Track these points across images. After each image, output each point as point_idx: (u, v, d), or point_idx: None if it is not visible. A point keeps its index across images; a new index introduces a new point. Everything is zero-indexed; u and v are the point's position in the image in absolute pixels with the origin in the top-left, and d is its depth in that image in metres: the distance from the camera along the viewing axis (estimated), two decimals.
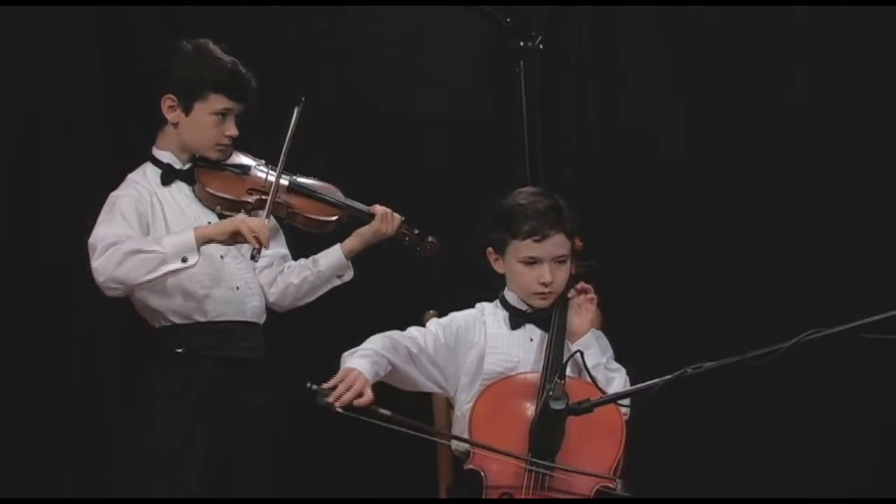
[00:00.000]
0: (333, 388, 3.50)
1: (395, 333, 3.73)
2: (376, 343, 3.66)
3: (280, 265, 3.95)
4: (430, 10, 4.75)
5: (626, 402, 3.42)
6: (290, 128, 3.82)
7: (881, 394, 4.64)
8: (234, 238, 3.72)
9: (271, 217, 3.85)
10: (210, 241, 3.72)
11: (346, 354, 3.63)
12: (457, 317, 3.84)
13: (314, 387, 3.49)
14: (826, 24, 4.69)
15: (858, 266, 4.67)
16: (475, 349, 3.79)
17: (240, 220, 3.73)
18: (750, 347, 2.94)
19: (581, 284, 3.85)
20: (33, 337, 4.48)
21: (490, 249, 3.84)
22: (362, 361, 3.57)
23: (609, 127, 4.82)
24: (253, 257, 3.75)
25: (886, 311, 2.85)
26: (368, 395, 3.50)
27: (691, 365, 2.98)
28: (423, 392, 3.86)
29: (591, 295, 3.85)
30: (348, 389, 3.49)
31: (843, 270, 4.68)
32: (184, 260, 3.66)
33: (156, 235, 3.73)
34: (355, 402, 3.49)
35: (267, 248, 3.74)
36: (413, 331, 3.78)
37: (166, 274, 3.66)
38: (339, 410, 3.48)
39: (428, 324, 3.82)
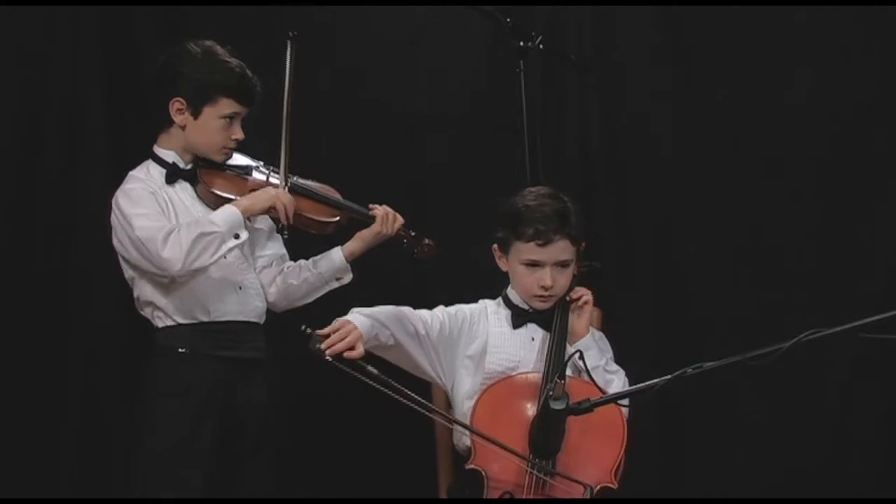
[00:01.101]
0: (328, 336, 3.49)
1: (406, 309, 3.74)
2: (385, 312, 3.68)
3: (279, 265, 3.96)
4: (430, 10, 4.75)
5: (625, 402, 3.42)
6: (288, 65, 3.83)
7: (881, 394, 4.64)
8: (270, 212, 3.77)
9: (267, 218, 3.87)
10: (252, 213, 3.76)
11: (354, 310, 3.63)
12: (463, 308, 3.84)
13: (308, 330, 3.50)
14: (826, 23, 4.69)
15: (858, 266, 4.67)
16: (477, 342, 3.79)
17: (276, 195, 3.76)
18: (750, 347, 2.94)
19: (574, 291, 3.83)
20: (34, 337, 4.48)
21: (495, 246, 3.84)
22: (364, 319, 3.59)
23: (609, 126, 4.82)
24: (281, 232, 3.79)
25: (886, 311, 2.85)
26: (360, 350, 3.51)
27: (691, 365, 2.98)
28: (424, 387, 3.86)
29: (586, 298, 3.84)
30: (341, 340, 3.50)
31: (843, 270, 4.68)
32: (236, 236, 3.70)
33: (203, 217, 3.75)
34: (346, 355, 3.49)
35: (291, 223, 3.76)
36: (423, 312, 3.78)
37: (228, 251, 3.70)
38: (329, 359, 3.48)
39: (436, 309, 3.82)
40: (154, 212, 3.73)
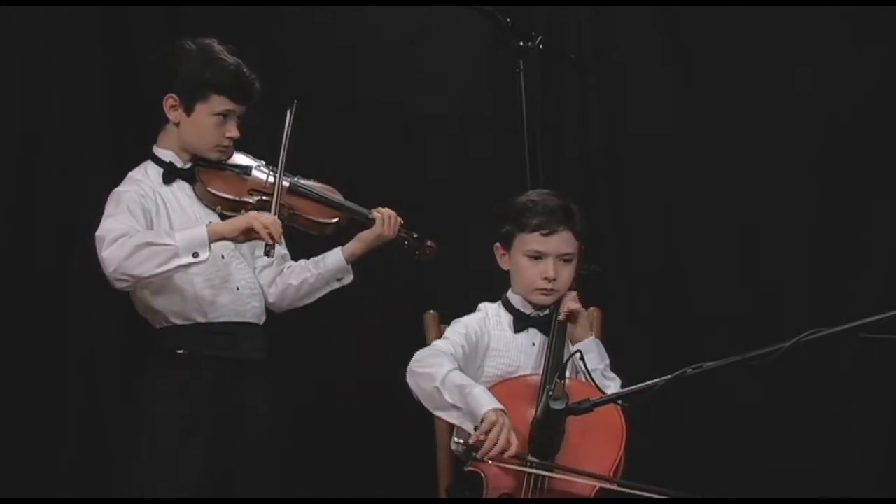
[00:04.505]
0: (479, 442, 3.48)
1: (443, 352, 3.68)
2: (452, 363, 3.63)
3: (280, 265, 3.95)
4: (430, 10, 4.75)
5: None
6: (286, 130, 3.81)
7: (881, 394, 4.64)
8: (248, 235, 3.70)
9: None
10: (222, 237, 3.69)
11: (462, 383, 3.55)
12: (469, 324, 3.81)
13: (460, 442, 3.53)
14: (826, 23, 4.69)
15: (858, 266, 4.68)
16: (485, 355, 3.80)
17: (252, 217, 3.71)
18: (750, 347, 2.94)
19: (565, 304, 3.83)
20: (33, 337, 4.48)
21: (497, 244, 3.84)
22: (489, 395, 3.54)
23: (609, 126, 4.82)
24: (268, 253, 3.72)
25: (886, 311, 2.85)
26: (515, 444, 3.47)
27: (691, 365, 2.98)
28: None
29: (575, 305, 3.83)
30: (494, 444, 3.46)
31: (843, 270, 4.68)
32: (195, 255, 3.63)
33: (168, 229, 3.72)
34: (506, 455, 3.47)
35: (280, 243, 3.73)
36: (447, 347, 3.71)
37: (177, 268, 3.63)
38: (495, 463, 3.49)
39: (447, 333, 3.79)
40: (126, 216, 3.69)
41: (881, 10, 4.62)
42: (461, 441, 3.53)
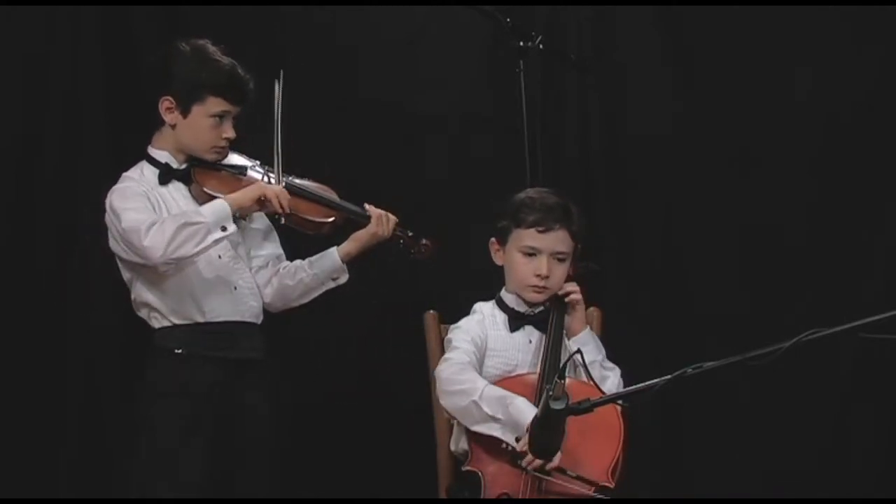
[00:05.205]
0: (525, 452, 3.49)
1: (462, 358, 3.69)
2: (476, 375, 3.65)
3: (275, 265, 3.95)
4: (430, 10, 4.75)
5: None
6: (276, 103, 3.81)
7: (881, 394, 4.64)
8: (261, 204, 3.73)
9: (264, 218, 3.86)
10: (241, 206, 3.72)
11: (502, 395, 3.57)
12: (471, 329, 3.80)
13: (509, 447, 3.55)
14: (826, 23, 4.69)
15: (858, 266, 4.67)
16: (485, 355, 3.80)
17: (262, 185, 3.75)
18: (750, 347, 2.94)
19: (563, 288, 3.83)
20: (33, 337, 4.48)
21: (493, 240, 3.84)
22: (530, 405, 3.55)
23: (609, 127, 4.82)
24: (277, 221, 3.78)
25: (886, 311, 2.84)
26: (559, 457, 3.47)
27: (691, 365, 2.97)
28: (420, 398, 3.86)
29: (575, 295, 3.83)
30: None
31: (844, 271, 4.68)
32: (223, 228, 3.67)
33: (192, 209, 3.73)
34: (547, 467, 3.50)
35: (289, 212, 3.75)
36: (463, 357, 3.71)
37: (213, 243, 3.67)
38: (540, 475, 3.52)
39: (455, 342, 3.77)
40: (143, 206, 3.72)
41: (881, 10, 4.62)
42: (511, 447, 3.53)
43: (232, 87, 3.80)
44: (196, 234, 3.64)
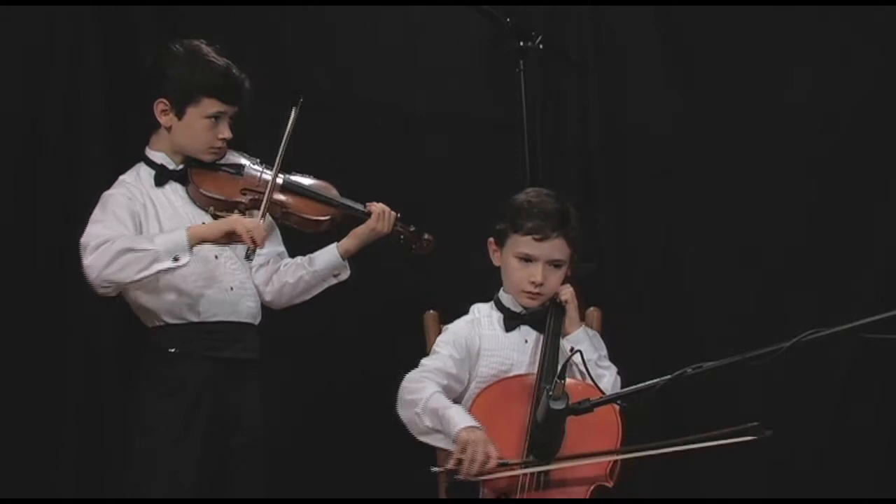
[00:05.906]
0: (458, 463, 3.50)
1: (430, 372, 3.68)
2: (435, 384, 3.64)
3: (276, 263, 3.94)
4: (429, 10, 4.75)
5: None
6: (288, 127, 3.80)
7: (881, 394, 4.64)
8: (229, 238, 3.69)
9: (267, 215, 3.85)
10: (203, 240, 3.69)
11: (437, 406, 3.57)
12: (457, 330, 3.81)
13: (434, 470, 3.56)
14: (826, 23, 4.69)
15: (858, 266, 4.68)
16: (478, 355, 3.79)
17: (234, 220, 3.71)
18: (750, 347, 2.94)
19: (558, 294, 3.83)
20: (33, 336, 4.48)
21: (491, 240, 3.83)
22: (462, 414, 3.55)
23: (609, 126, 4.82)
24: (248, 257, 3.73)
25: (886, 311, 2.84)
26: (494, 454, 3.48)
27: (691, 365, 2.98)
28: None
29: (566, 296, 3.82)
30: (472, 461, 3.48)
31: (843, 270, 4.68)
32: (175, 259, 3.63)
33: (149, 234, 3.72)
34: (487, 468, 3.49)
35: (262, 247, 3.73)
36: (436, 363, 3.72)
37: (158, 272, 3.63)
38: (479, 478, 3.51)
39: (436, 346, 3.79)
40: (114, 221, 3.69)
41: (881, 10, 4.62)
42: (440, 469, 3.53)
43: (226, 88, 3.79)
44: (138, 261, 3.61)
